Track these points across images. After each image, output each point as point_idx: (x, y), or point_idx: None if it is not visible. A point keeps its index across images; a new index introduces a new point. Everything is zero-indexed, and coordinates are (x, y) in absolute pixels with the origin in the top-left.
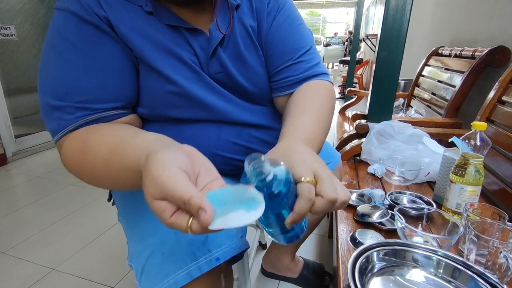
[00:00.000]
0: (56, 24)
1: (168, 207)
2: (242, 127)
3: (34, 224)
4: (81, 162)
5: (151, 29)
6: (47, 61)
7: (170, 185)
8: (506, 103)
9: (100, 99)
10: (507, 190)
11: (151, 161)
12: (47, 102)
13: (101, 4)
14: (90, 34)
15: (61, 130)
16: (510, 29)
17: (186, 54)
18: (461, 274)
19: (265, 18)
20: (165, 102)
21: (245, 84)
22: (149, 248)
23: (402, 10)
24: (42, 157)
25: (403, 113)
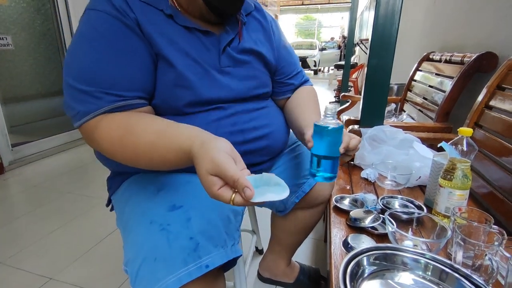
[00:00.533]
0: (89, 20)
1: (218, 182)
2: (236, 115)
3: (31, 233)
4: (125, 141)
5: (170, 30)
6: (78, 50)
7: (225, 166)
8: (493, 108)
9: (126, 88)
10: (495, 193)
11: (208, 146)
12: (75, 87)
13: (131, 8)
14: (121, 30)
15: (92, 111)
16: (497, 35)
17: (198, 54)
18: (448, 277)
19: (272, 37)
20: (175, 95)
21: (248, 77)
22: (142, 254)
23: (392, 19)
24: (39, 165)
25: (396, 118)
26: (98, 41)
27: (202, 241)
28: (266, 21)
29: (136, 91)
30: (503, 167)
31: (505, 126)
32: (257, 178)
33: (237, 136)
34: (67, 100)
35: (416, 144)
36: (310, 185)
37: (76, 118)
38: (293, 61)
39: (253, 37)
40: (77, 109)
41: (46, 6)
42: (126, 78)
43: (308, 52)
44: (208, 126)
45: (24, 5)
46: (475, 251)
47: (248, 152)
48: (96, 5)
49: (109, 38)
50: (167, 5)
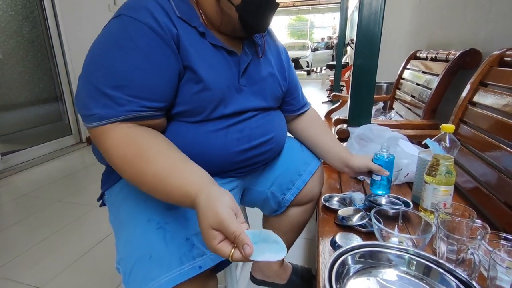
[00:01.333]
0: (126, 29)
1: (218, 236)
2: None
3: (20, 243)
4: (134, 163)
5: (202, 46)
6: (108, 53)
7: (228, 221)
8: (477, 104)
9: (151, 98)
10: (480, 188)
11: (214, 200)
12: (99, 88)
13: (174, 23)
14: (157, 44)
15: (109, 118)
16: (481, 32)
17: (224, 71)
18: (432, 271)
19: (283, 59)
20: (197, 105)
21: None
22: (137, 251)
23: (375, 19)
24: (28, 174)
25: (384, 116)
26: (134, 51)
27: (197, 242)
28: (276, 41)
29: (158, 102)
30: (487, 162)
31: (487, 122)
32: (256, 234)
33: (244, 142)
34: (84, 98)
35: (402, 141)
36: (304, 181)
37: (90, 119)
38: (297, 83)
39: (267, 56)
40: (95, 111)
41: (34, 14)
42: (153, 90)
43: (300, 53)
44: (217, 133)
45: (12, 13)
46: (458, 246)
47: (251, 157)
48: (137, 15)
49: (144, 50)
50: (199, 23)
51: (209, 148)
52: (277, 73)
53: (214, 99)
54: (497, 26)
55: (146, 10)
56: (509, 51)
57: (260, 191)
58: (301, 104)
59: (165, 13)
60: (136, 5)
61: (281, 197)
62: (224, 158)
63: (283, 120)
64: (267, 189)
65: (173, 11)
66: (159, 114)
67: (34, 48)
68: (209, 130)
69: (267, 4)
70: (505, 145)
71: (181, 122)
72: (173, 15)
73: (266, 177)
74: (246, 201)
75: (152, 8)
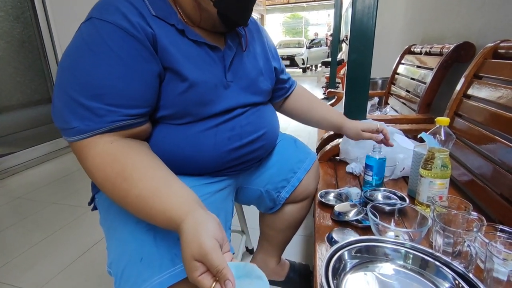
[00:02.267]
0: (98, 32)
1: (200, 268)
2: (234, 120)
3: (15, 246)
4: (117, 184)
5: (182, 44)
6: (83, 60)
7: (212, 255)
8: (472, 97)
9: (132, 105)
10: (475, 180)
11: (199, 229)
12: (76, 99)
13: (149, 23)
14: (132, 47)
15: (90, 131)
16: (474, 26)
17: (208, 68)
18: (428, 265)
19: (267, 47)
20: (183, 106)
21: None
22: (127, 254)
23: (368, 14)
24: (22, 176)
25: (379, 112)
26: (108, 56)
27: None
28: (259, 32)
29: (140, 108)
30: (482, 155)
31: (482, 115)
32: (240, 267)
33: (235, 140)
34: (60, 110)
35: (397, 136)
36: (298, 178)
37: (69, 133)
38: (283, 67)
39: (251, 49)
40: (73, 124)
41: (25, 14)
42: (133, 95)
43: (295, 50)
44: (206, 133)
45: (2, 13)
46: (455, 239)
47: (244, 154)
48: (107, 17)
49: (119, 54)
50: (177, 19)
51: (199, 150)
52: (263, 65)
53: (201, 98)
54: (490, 18)
55: (118, 10)
56: (502, 43)
57: (255, 189)
58: (289, 86)
59: (138, 12)
60: (106, 6)
61: (276, 195)
62: (215, 158)
63: (275, 114)
64: (261, 187)
65: (147, 10)
66: (142, 120)
67: (25, 49)
68: (198, 131)
69: None
70: (500, 137)
71: (168, 124)
72: (147, 14)
73: (260, 176)
74: (240, 199)
75: (123, 8)
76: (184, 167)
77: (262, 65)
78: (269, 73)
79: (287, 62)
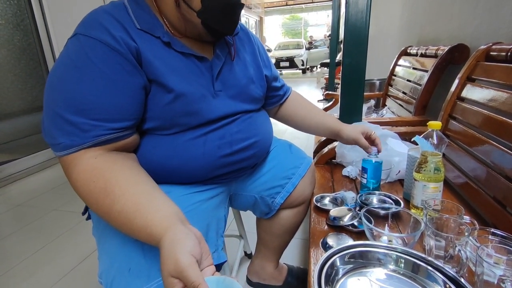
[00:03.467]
0: (83, 48)
1: (177, 284)
2: (224, 128)
3: (15, 254)
4: (99, 199)
5: (168, 57)
6: (65, 77)
7: (187, 271)
8: (465, 100)
9: (116, 119)
10: (469, 183)
11: (176, 246)
12: (61, 115)
13: (132, 37)
14: (115, 61)
15: (75, 146)
16: (468, 27)
17: (195, 79)
18: (420, 269)
19: (258, 56)
20: (171, 117)
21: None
22: (117, 264)
23: (362, 18)
24: (23, 184)
25: (376, 114)
26: (92, 71)
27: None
28: (250, 41)
29: (125, 121)
30: (476, 157)
31: (475, 117)
32: (220, 281)
33: (225, 148)
34: (48, 127)
35: (390, 140)
36: (293, 184)
37: (56, 148)
38: (276, 75)
39: (241, 58)
40: (59, 140)
41: (25, 22)
42: (117, 109)
43: (295, 51)
44: (194, 142)
45: (3, 22)
46: (446, 243)
47: (234, 162)
48: (91, 32)
49: (102, 69)
50: (163, 32)
51: (188, 159)
52: (254, 73)
53: (188, 109)
54: (483, 20)
55: (101, 26)
56: (495, 46)
57: (249, 196)
58: (283, 93)
59: (121, 27)
60: (90, 22)
61: (271, 200)
62: (205, 167)
63: (268, 121)
64: (255, 194)
65: (131, 24)
66: (128, 133)
67: (26, 57)
68: (186, 140)
69: (230, 6)
70: (492, 140)
71: (156, 135)
72: (131, 28)
73: (254, 182)
74: (235, 205)
75: (107, 24)
76: (174, 177)
77: (252, 73)
78: (260, 80)
79: (287, 63)
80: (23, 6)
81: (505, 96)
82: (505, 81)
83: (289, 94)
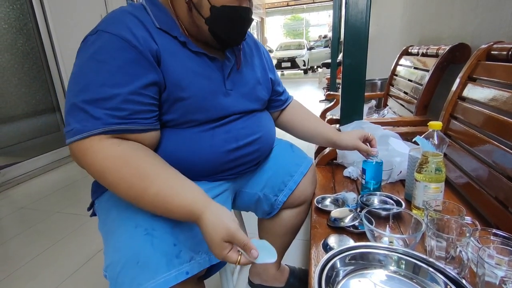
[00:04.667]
0: (102, 43)
1: (228, 247)
2: (230, 124)
3: (20, 256)
4: (132, 183)
5: (184, 56)
6: (85, 69)
7: (237, 233)
8: (466, 99)
9: (132, 108)
10: (471, 183)
11: (221, 216)
12: (76, 104)
13: (153, 36)
14: (133, 56)
15: (86, 131)
16: (469, 26)
17: (208, 77)
18: (421, 270)
19: (264, 61)
20: (186, 110)
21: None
22: (124, 257)
23: (361, 19)
24: (26, 186)
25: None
26: (109, 65)
27: (185, 247)
28: (257, 46)
29: (137, 112)
30: (477, 157)
31: (476, 117)
32: (258, 241)
33: (231, 143)
34: (66, 116)
35: (392, 140)
36: (295, 182)
37: (68, 134)
38: (279, 81)
39: (249, 61)
40: (72, 125)
41: (28, 26)
42: (130, 101)
43: (296, 52)
44: (202, 135)
45: (6, 26)
46: (447, 244)
47: (240, 156)
48: (113, 29)
49: (120, 63)
50: (180, 32)
51: (196, 151)
52: (261, 76)
53: (201, 106)
54: (484, 19)
55: (123, 24)
56: (496, 45)
57: (252, 193)
58: (285, 99)
59: (143, 26)
60: (113, 21)
61: (274, 198)
62: (212, 159)
63: (270, 120)
64: (259, 191)
65: (151, 23)
66: (145, 123)
67: (29, 61)
68: (194, 132)
69: (238, 18)
70: (494, 140)
71: (166, 127)
72: (151, 27)
73: (257, 179)
74: (238, 205)
75: (130, 23)
76: (182, 171)
77: (259, 75)
78: (266, 83)
79: (288, 64)
80: (26, 11)
81: (506, 96)
82: (506, 80)
83: (290, 102)
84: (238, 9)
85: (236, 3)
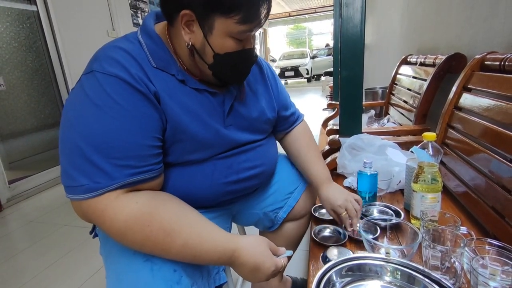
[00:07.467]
0: (99, 85)
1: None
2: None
3: (28, 270)
4: (158, 239)
5: (183, 94)
6: (84, 115)
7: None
8: (462, 109)
9: (139, 157)
10: (469, 193)
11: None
12: (80, 155)
13: (150, 78)
14: (136, 97)
15: (100, 189)
16: (464, 36)
17: (208, 115)
18: (416, 281)
19: (269, 86)
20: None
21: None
22: (125, 284)
23: (357, 33)
24: (35, 200)
25: (377, 124)
26: (112, 109)
27: (185, 273)
28: (261, 70)
29: (149, 159)
30: (474, 167)
31: (472, 127)
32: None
33: (231, 176)
34: (66, 167)
35: (390, 150)
36: (295, 198)
37: (78, 191)
38: (287, 103)
39: (253, 89)
40: (80, 181)
41: (37, 43)
42: (140, 148)
43: (299, 61)
44: (204, 168)
45: (16, 44)
46: (442, 254)
47: (239, 189)
48: (108, 69)
49: (125, 107)
50: (178, 69)
51: (196, 185)
52: (265, 105)
53: (201, 145)
54: (479, 29)
55: (118, 63)
56: (489, 55)
57: (252, 213)
58: (292, 122)
59: (138, 65)
60: (106, 59)
61: (274, 215)
62: (211, 197)
63: (275, 149)
64: (259, 210)
65: (147, 62)
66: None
67: (38, 77)
68: (194, 169)
69: (242, 62)
70: (489, 150)
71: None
72: (147, 67)
73: (257, 200)
74: (239, 222)
75: (123, 61)
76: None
77: (264, 104)
78: (271, 111)
79: (292, 73)
80: (35, 29)
81: (500, 106)
82: (499, 91)
83: (297, 124)
84: (242, 53)
85: (240, 47)
